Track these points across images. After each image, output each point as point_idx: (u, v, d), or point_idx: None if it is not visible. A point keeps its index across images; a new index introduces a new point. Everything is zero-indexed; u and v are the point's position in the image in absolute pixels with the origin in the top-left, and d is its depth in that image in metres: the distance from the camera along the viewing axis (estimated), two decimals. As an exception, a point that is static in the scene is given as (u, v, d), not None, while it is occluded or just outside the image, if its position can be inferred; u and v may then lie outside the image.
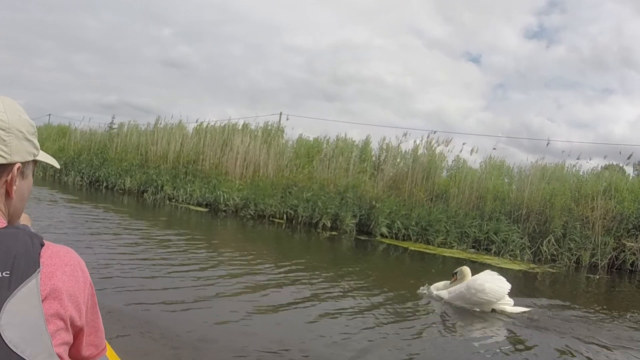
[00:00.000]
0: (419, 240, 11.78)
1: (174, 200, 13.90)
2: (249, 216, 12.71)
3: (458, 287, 5.76)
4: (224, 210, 13.07)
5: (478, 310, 5.64)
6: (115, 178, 15.78)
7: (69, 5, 54.73)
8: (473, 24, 43.40)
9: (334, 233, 11.63)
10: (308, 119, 22.81)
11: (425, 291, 6.08)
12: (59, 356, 0.78)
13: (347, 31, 47.80)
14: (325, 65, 47.51)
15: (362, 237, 11.52)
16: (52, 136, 20.07)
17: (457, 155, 13.38)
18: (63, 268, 0.82)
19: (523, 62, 41.45)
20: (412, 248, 10.91)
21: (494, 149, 13.08)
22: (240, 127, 15.41)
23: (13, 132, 0.85)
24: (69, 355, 0.85)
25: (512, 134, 39.70)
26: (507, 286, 5.66)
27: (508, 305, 5.70)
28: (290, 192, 12.69)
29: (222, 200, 12.95)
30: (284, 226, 12.24)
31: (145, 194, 14.76)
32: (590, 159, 13.06)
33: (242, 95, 46.72)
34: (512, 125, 33.89)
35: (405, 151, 13.31)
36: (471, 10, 43.91)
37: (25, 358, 0.71)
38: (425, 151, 12.79)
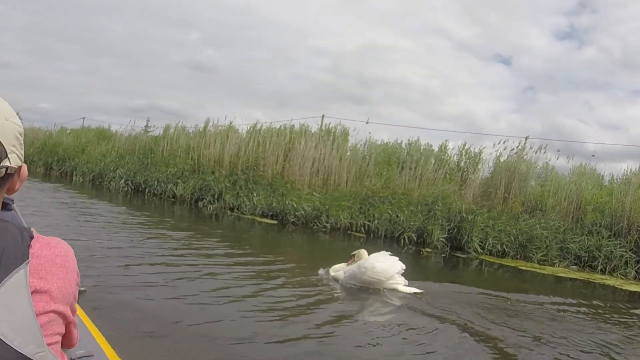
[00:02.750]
0: (518, 256, 10.68)
1: (235, 211, 12.75)
2: (323, 229, 11.58)
3: (351, 267, 6.03)
4: (293, 222, 11.93)
5: (371, 289, 5.89)
6: (164, 184, 14.62)
7: (94, 11, 54.23)
8: (502, 25, 42.24)
9: (428, 250, 10.48)
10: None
11: (323, 274, 6.31)
12: (51, 347, 0.78)
13: (373, 33, 46.81)
14: (351, 68, 46.59)
15: (459, 254, 10.37)
16: (91, 139, 18.98)
17: (546, 162, 12.30)
18: (54, 259, 0.83)
19: (553, 63, 40.27)
20: (525, 268, 9.77)
21: (593, 155, 11.94)
22: (298, 130, 14.26)
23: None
24: (63, 345, 0.87)
25: (544, 136, 38.31)
26: (398, 266, 5.97)
27: (400, 284, 5.95)
28: (369, 203, 11.55)
29: (291, 211, 11.80)
30: (363, 240, 11.12)
31: (200, 202, 13.61)
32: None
33: (268, 98, 45.87)
34: (543, 127, 32.62)
35: (492, 157, 12.21)
36: (499, 11, 42.73)
37: (14, 348, 0.71)
38: (516, 158, 11.66)
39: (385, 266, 5.91)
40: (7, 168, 0.84)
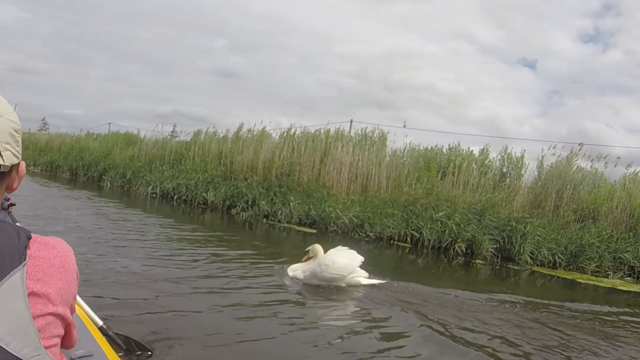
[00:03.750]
0: (571, 267, 10.28)
1: (271, 218, 12.41)
2: (365, 238, 11.21)
3: (311, 266, 5.84)
4: (334, 231, 11.56)
5: (334, 285, 5.75)
6: (194, 190, 14.31)
7: (123, 18, 54.62)
8: (527, 29, 41.74)
9: (480, 261, 10.09)
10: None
11: (281, 272, 6.15)
12: (49, 349, 0.77)
13: (398, 39, 46.54)
14: (377, 73, 46.37)
15: (511, 266, 9.98)
16: (118, 143, 18.73)
17: (596, 168, 11.88)
18: (52, 260, 0.81)
19: (578, 66, 39.72)
20: (582, 280, 9.36)
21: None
22: (334, 134, 13.89)
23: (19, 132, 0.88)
24: (63, 345, 0.86)
25: (569, 141, 37.67)
26: (358, 259, 5.89)
27: (362, 277, 5.89)
28: (411, 211, 11.16)
29: (333, 219, 11.44)
30: (407, 250, 10.75)
31: (233, 209, 13.28)
32: None
33: (293, 104, 45.80)
34: (569, 131, 32.23)
35: (537, 163, 11.81)
36: (524, 15, 42.21)
37: (9, 351, 0.70)
38: (566, 164, 11.25)
39: (346, 261, 5.84)
40: (0, 166, 0.81)
